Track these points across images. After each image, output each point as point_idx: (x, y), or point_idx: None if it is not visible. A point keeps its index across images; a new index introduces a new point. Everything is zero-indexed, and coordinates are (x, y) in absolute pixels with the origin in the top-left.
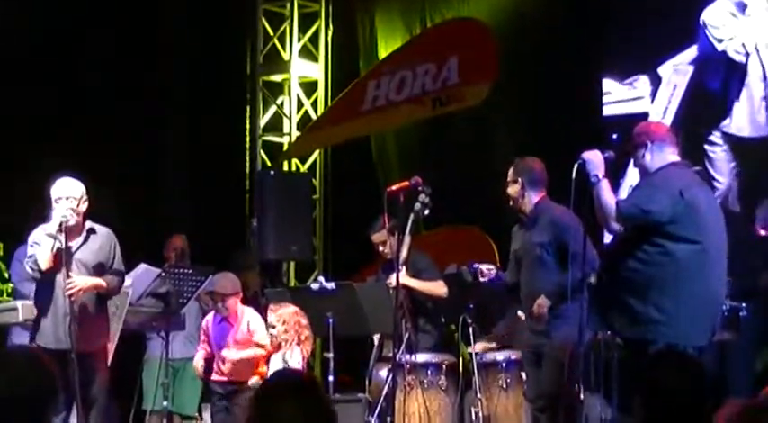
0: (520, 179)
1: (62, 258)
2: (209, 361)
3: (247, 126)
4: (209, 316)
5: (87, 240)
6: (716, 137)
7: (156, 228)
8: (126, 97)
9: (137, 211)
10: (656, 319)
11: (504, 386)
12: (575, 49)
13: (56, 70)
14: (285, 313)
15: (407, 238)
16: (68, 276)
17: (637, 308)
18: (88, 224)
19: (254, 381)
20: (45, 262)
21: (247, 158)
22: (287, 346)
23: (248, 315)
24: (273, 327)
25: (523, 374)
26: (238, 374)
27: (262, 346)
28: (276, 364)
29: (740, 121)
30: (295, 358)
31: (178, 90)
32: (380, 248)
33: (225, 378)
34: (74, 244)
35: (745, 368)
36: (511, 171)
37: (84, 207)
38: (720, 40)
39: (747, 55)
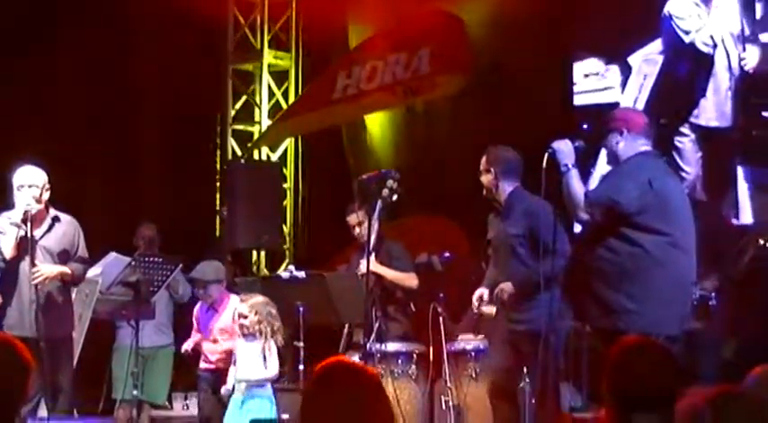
0: (493, 169)
1: (27, 246)
2: (197, 349)
3: (218, 115)
4: (198, 304)
5: (51, 228)
6: (684, 127)
7: (126, 216)
8: (96, 84)
9: (107, 200)
10: (627, 308)
11: (474, 375)
12: (545, 37)
13: (28, 59)
14: (256, 303)
15: (376, 224)
16: (33, 265)
17: (608, 297)
18: (52, 212)
19: None
20: (9, 250)
21: (218, 147)
22: (261, 337)
23: (234, 303)
24: (245, 317)
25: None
26: (226, 363)
27: None
28: (253, 355)
29: (708, 111)
30: (273, 351)
31: (148, 78)
32: (356, 230)
33: (213, 366)
34: (38, 232)
35: (713, 357)
36: (483, 160)
37: (46, 195)
38: (687, 32)
39: (714, 46)
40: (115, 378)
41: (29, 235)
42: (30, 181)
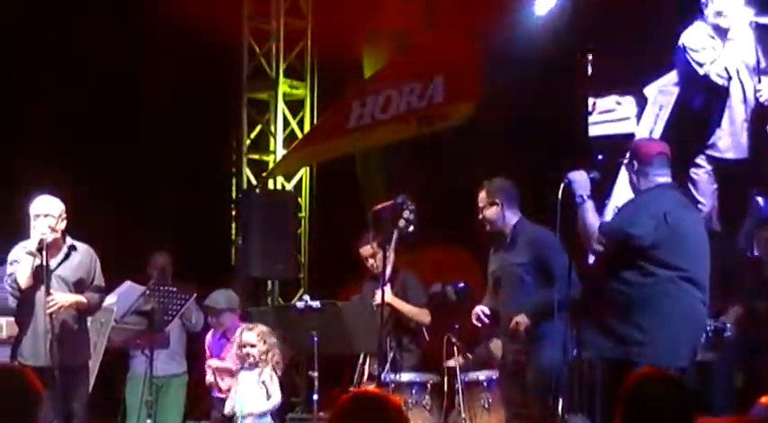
0: (499, 200)
1: (42, 276)
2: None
3: (233, 144)
4: (210, 332)
5: (68, 257)
6: (700, 159)
7: (141, 245)
8: (110, 113)
9: (122, 229)
10: (638, 340)
11: (486, 406)
12: (560, 67)
13: (39, 84)
14: (263, 332)
15: (392, 255)
16: (49, 294)
17: (619, 329)
18: (68, 241)
19: None
20: (25, 280)
21: (233, 177)
22: (262, 366)
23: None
24: (252, 346)
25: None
26: None
27: None
28: (253, 384)
29: (723, 143)
30: (274, 381)
31: (164, 107)
32: (369, 262)
33: (224, 395)
34: (54, 261)
35: (727, 386)
36: (483, 195)
37: (62, 224)
38: (701, 64)
39: (729, 78)
40: (129, 407)
41: (44, 264)
42: (45, 210)
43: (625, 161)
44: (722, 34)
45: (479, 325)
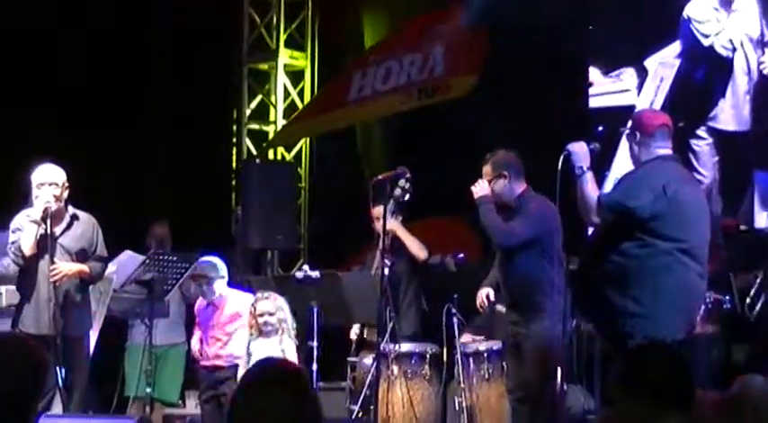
0: (506, 173)
1: (46, 245)
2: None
3: (233, 115)
4: (199, 300)
5: (70, 226)
6: (701, 131)
7: (140, 215)
8: (110, 82)
9: (120, 199)
10: (635, 312)
11: (487, 376)
12: (560, 40)
13: (36, 53)
14: (280, 301)
15: (392, 223)
16: (53, 262)
17: (616, 301)
18: (71, 210)
19: None
20: (28, 248)
21: (233, 147)
22: (279, 334)
23: (233, 298)
24: (272, 314)
25: (505, 364)
26: (225, 360)
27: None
28: (269, 352)
29: (725, 115)
30: (291, 349)
31: (164, 77)
32: (376, 224)
33: (209, 362)
34: (57, 230)
35: (725, 360)
36: (489, 168)
37: (66, 193)
38: (707, 35)
39: (734, 50)
40: (128, 376)
41: (48, 232)
42: (50, 179)
43: (626, 131)
44: (727, 5)
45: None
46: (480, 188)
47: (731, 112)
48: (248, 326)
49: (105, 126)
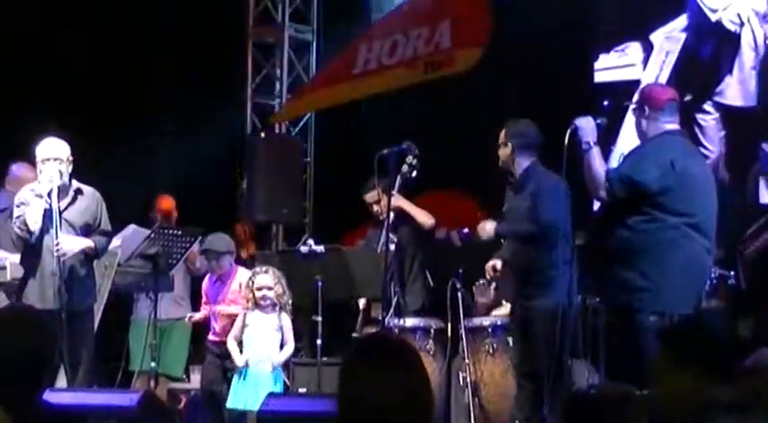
0: (510, 143)
1: (51, 219)
2: (206, 320)
3: (238, 88)
4: (207, 277)
5: (74, 201)
6: (708, 105)
7: (145, 189)
8: (113, 56)
9: (123, 172)
10: (642, 286)
11: (491, 351)
12: (565, 13)
13: (40, 31)
14: (279, 275)
15: (395, 198)
16: (58, 237)
17: (623, 275)
18: (75, 184)
19: None
20: (34, 223)
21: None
22: (277, 310)
23: (241, 274)
24: (270, 288)
25: (510, 340)
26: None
27: None
28: (270, 328)
29: (732, 90)
30: (289, 325)
31: (166, 49)
32: (374, 208)
33: (218, 338)
34: (61, 204)
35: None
36: (502, 134)
37: (70, 167)
38: (714, 10)
39: (741, 25)
40: (132, 350)
41: (54, 207)
42: (54, 154)
43: (633, 106)
44: None
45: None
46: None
47: (738, 87)
48: (245, 299)
49: (106, 100)
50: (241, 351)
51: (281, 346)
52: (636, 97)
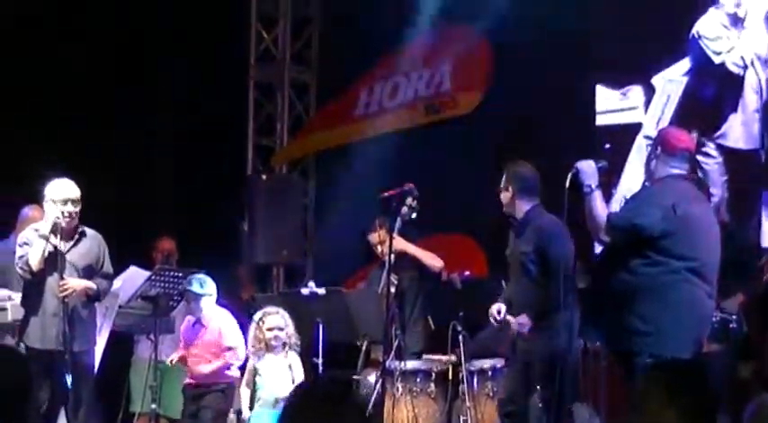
0: (511, 187)
1: (55, 260)
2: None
3: (238, 129)
4: (186, 319)
5: (78, 242)
6: (710, 148)
7: (145, 230)
8: (114, 97)
9: (123, 215)
10: (642, 330)
11: (491, 394)
12: (567, 57)
13: (42, 72)
14: (285, 315)
15: (399, 241)
16: (62, 278)
17: (623, 318)
18: (79, 227)
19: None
20: (36, 263)
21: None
22: (286, 350)
23: (220, 317)
24: (281, 329)
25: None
26: (206, 378)
27: (232, 349)
28: (281, 368)
29: (735, 132)
30: (298, 364)
31: (167, 90)
32: (378, 249)
33: (193, 381)
34: (65, 246)
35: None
36: (504, 177)
37: (78, 208)
38: (718, 53)
39: (745, 68)
40: (133, 391)
41: (58, 248)
42: (71, 195)
43: (649, 143)
44: (737, 23)
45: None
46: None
47: (741, 129)
48: (255, 341)
49: (106, 141)
50: (254, 396)
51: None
52: (654, 134)
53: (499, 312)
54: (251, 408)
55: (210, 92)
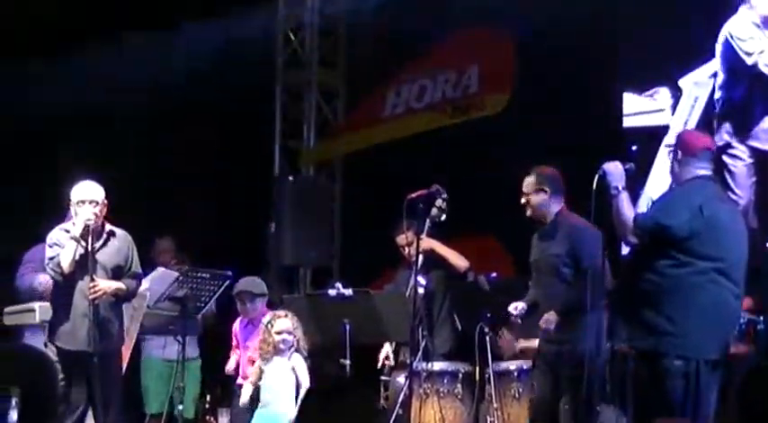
0: (546, 188)
1: (85, 261)
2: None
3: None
4: (238, 320)
5: (107, 243)
6: (739, 150)
7: (174, 231)
8: (141, 103)
9: (152, 217)
10: (668, 331)
11: (517, 396)
12: (593, 58)
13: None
14: (295, 318)
15: (426, 240)
16: (92, 279)
17: (650, 319)
18: (108, 227)
19: None
20: (68, 265)
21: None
22: (291, 352)
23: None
24: (290, 332)
25: (534, 383)
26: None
27: None
28: (287, 370)
29: (766, 134)
30: (302, 365)
31: (194, 94)
32: (406, 250)
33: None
34: (94, 246)
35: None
36: (533, 180)
37: (104, 210)
38: (750, 53)
39: None
40: (148, 392)
41: (88, 249)
42: (90, 196)
43: (670, 149)
44: (766, 24)
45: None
46: None
47: None
48: (264, 343)
49: (135, 144)
50: (258, 396)
51: (297, 387)
52: (673, 140)
53: (516, 308)
54: (254, 407)
55: (239, 95)
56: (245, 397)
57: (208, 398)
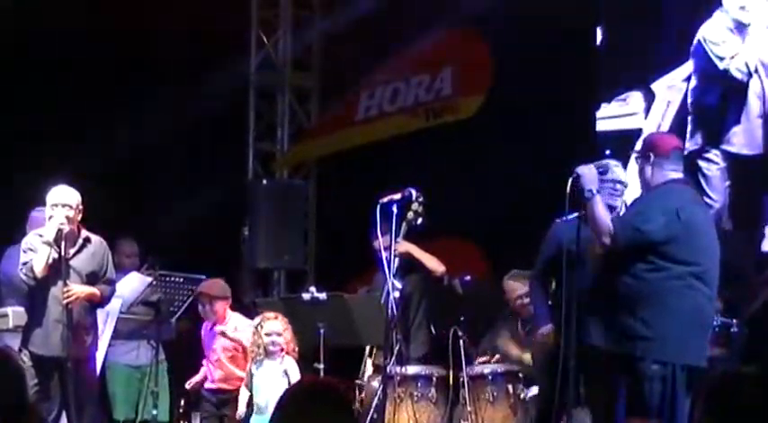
0: None
1: (59, 266)
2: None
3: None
4: (204, 324)
5: (82, 249)
6: (713, 154)
7: (146, 236)
8: (115, 102)
9: (122, 220)
10: (645, 335)
11: (491, 399)
12: (566, 62)
13: (43, 70)
14: (285, 320)
15: (403, 244)
16: (66, 284)
17: (625, 323)
18: (83, 233)
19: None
20: (41, 270)
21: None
22: (281, 355)
23: (235, 320)
24: (279, 334)
25: (509, 387)
26: (229, 383)
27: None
28: (278, 374)
29: (738, 138)
30: (294, 368)
31: (165, 94)
32: (384, 254)
33: (215, 385)
34: (69, 252)
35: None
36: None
37: (79, 215)
38: (722, 58)
39: (749, 74)
40: (115, 397)
41: (62, 254)
42: (64, 200)
43: (636, 155)
44: (742, 29)
45: None
46: None
47: (744, 136)
48: (254, 346)
49: (108, 147)
50: (251, 399)
51: None
52: (639, 145)
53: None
54: (249, 412)
55: (212, 97)
56: (241, 406)
57: (182, 402)
